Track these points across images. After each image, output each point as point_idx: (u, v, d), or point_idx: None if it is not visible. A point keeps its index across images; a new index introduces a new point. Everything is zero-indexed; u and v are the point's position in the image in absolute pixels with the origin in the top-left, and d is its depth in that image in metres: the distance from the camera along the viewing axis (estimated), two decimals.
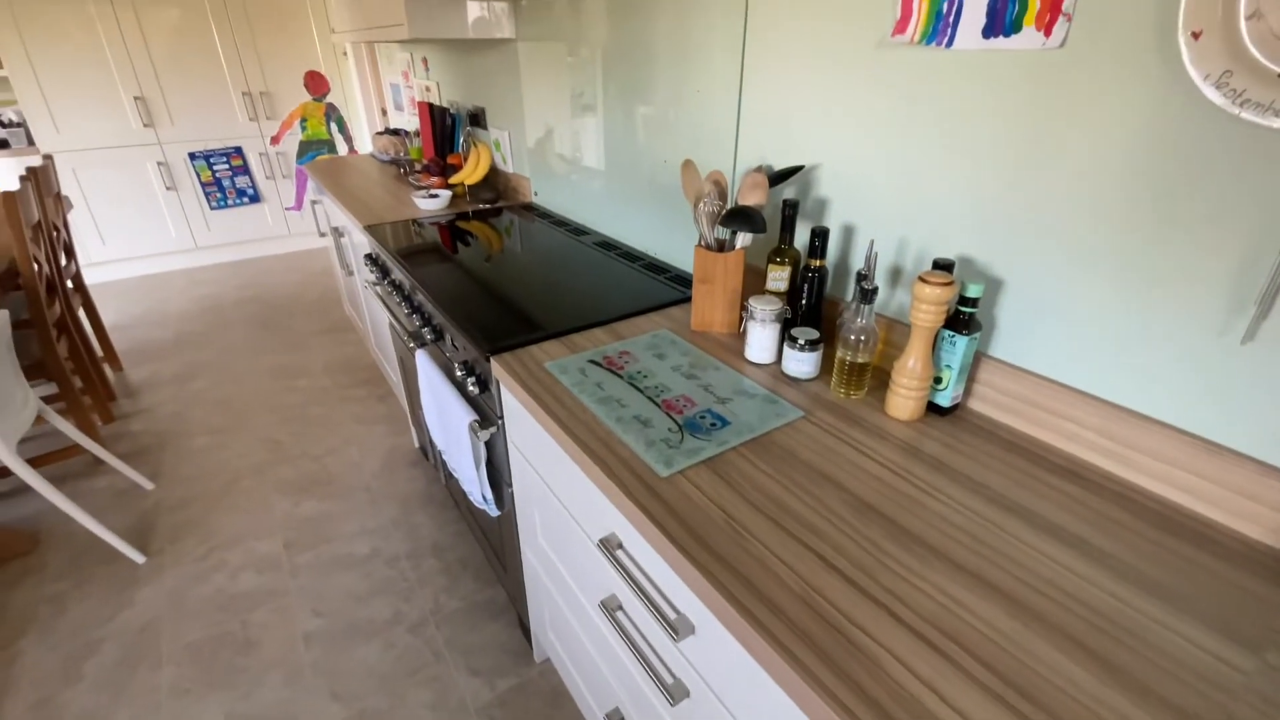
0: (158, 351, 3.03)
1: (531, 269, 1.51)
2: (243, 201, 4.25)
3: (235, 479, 2.12)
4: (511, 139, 2.16)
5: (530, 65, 1.89)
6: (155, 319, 3.41)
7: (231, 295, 3.73)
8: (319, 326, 3.29)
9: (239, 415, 2.49)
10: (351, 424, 2.43)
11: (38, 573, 1.75)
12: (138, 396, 2.64)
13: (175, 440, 2.33)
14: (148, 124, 3.81)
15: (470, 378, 1.19)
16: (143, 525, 1.92)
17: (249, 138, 4.15)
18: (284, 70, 4.13)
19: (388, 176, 2.63)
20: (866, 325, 0.91)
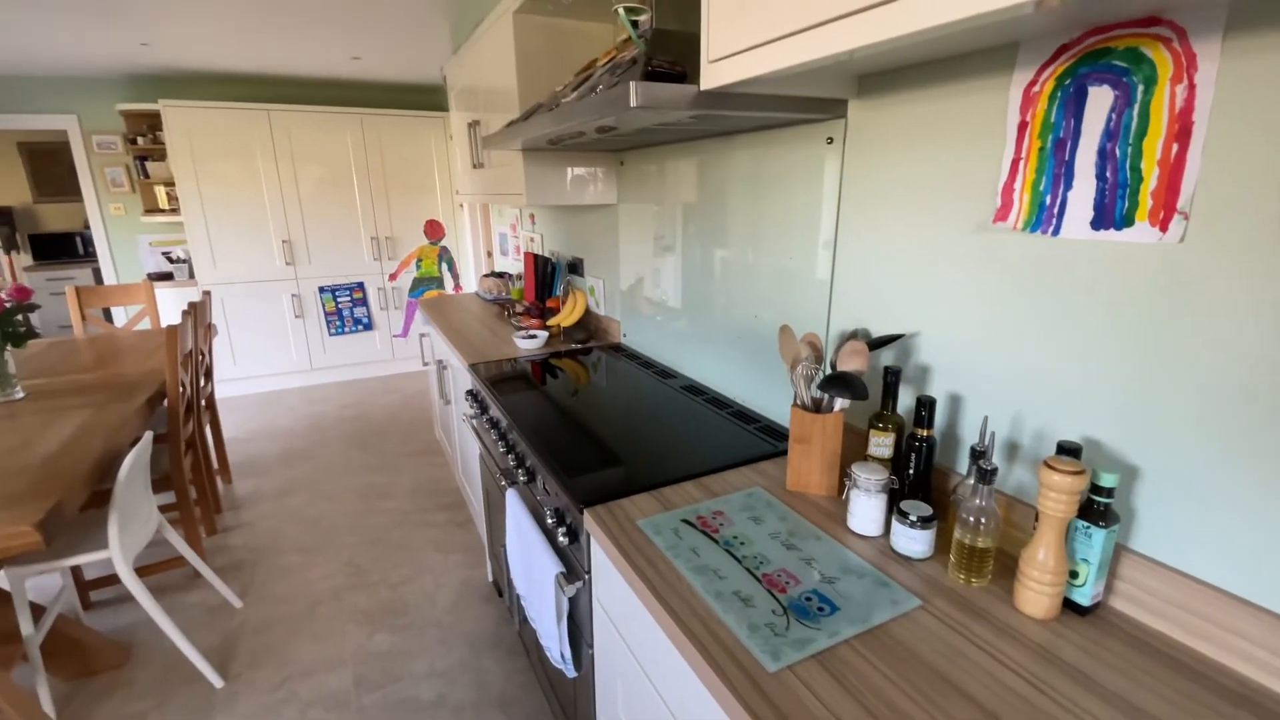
0: (264, 466, 3.25)
1: (623, 412, 1.55)
2: (357, 329, 4.71)
3: (316, 603, 2.15)
4: (605, 285, 2.32)
5: (627, 223, 2.07)
6: (266, 434, 3.69)
7: (336, 413, 4.01)
8: (410, 448, 3.45)
9: (327, 535, 2.58)
10: (429, 550, 2.45)
11: (125, 687, 1.79)
12: (240, 510, 2.80)
13: (268, 557, 2.42)
14: (289, 262, 4.40)
15: (561, 527, 1.19)
16: (226, 645, 1.95)
17: (371, 274, 4.69)
18: (407, 218, 4.73)
19: (490, 314, 2.86)
20: (986, 507, 0.86)
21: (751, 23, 0.87)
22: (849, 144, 1.16)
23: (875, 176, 1.12)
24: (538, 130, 1.42)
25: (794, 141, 1.29)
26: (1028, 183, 0.88)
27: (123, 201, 4.34)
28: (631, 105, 0.96)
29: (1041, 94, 0.85)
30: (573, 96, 1.30)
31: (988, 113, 0.92)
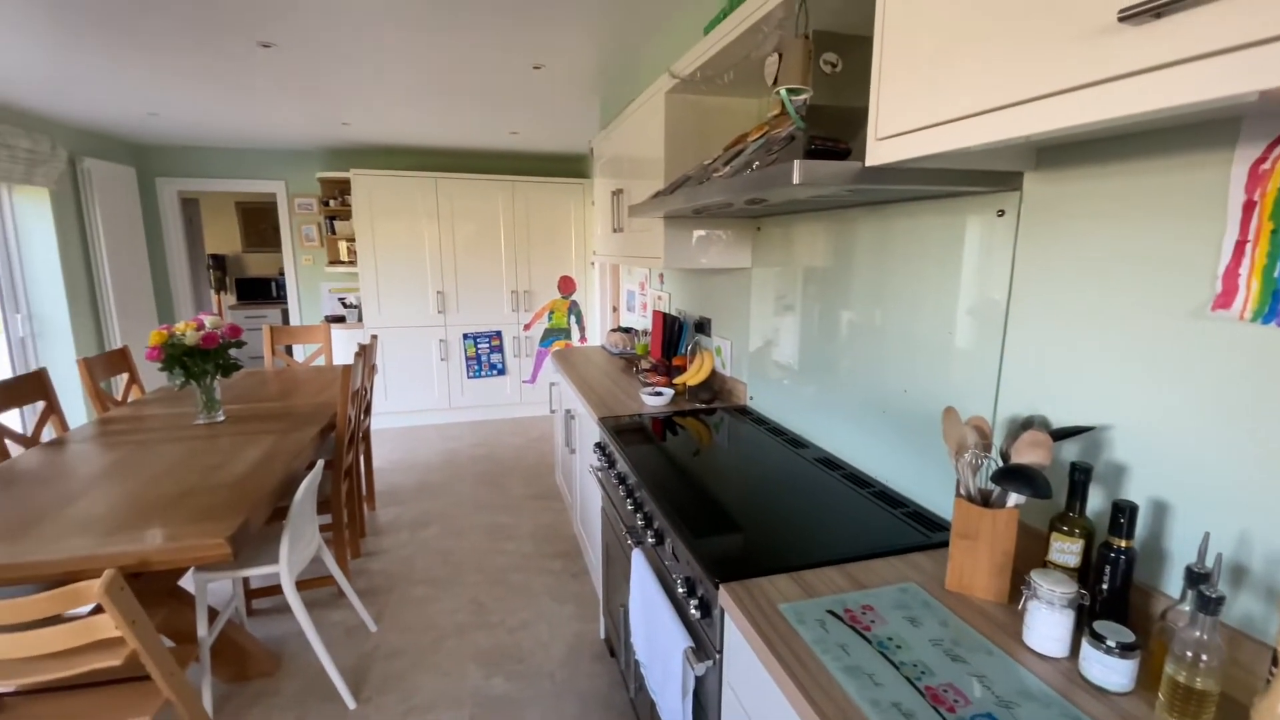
0: (404, 496, 3.52)
1: (753, 480, 1.51)
2: (492, 374, 5.05)
3: (442, 637, 2.24)
4: (733, 346, 2.31)
5: (761, 286, 2.07)
6: (406, 466, 4.01)
7: (468, 451, 4.28)
8: (532, 491, 3.58)
9: (455, 569, 2.71)
10: (545, 598, 2.49)
11: (273, 696, 1.96)
12: (381, 536, 3.03)
13: (401, 585, 2.58)
14: (440, 310, 4.85)
15: (692, 598, 1.16)
16: (360, 667, 2.08)
17: (508, 324, 5.04)
18: (544, 274, 5.07)
19: (615, 368, 2.95)
20: (1208, 641, 0.72)
21: (928, 103, 0.86)
22: (1024, 218, 1.09)
23: (1055, 253, 1.03)
24: (686, 202, 1.48)
25: (958, 212, 1.23)
26: (1257, 268, 0.77)
27: (312, 254, 5.06)
28: (795, 182, 0.97)
29: (1273, 172, 0.75)
30: (725, 171, 1.34)
31: (1200, 190, 0.83)
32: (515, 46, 2.38)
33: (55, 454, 2.06)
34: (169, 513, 1.59)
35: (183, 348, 2.20)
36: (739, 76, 1.72)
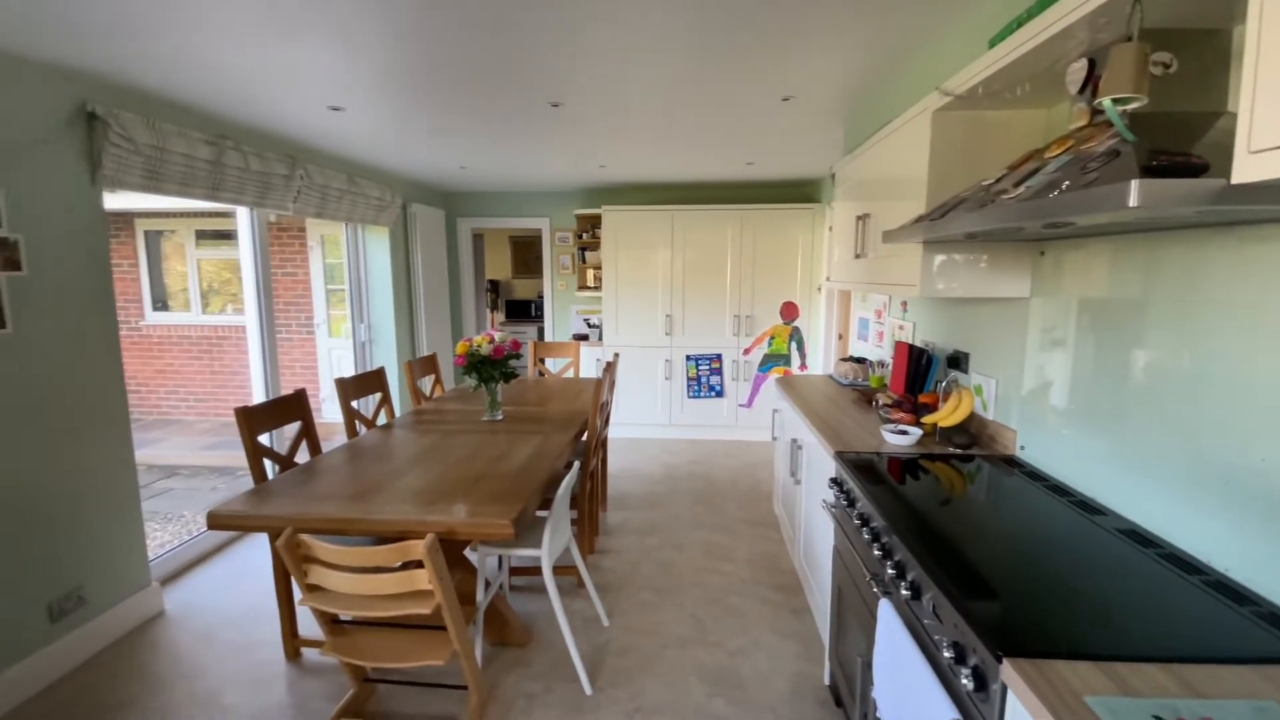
0: (630, 502, 3.78)
1: (1033, 545, 1.32)
2: (710, 395, 5.19)
3: (664, 646, 2.34)
4: (998, 386, 2.05)
5: (1042, 319, 1.81)
6: (631, 474, 4.30)
7: (686, 468, 4.45)
8: (747, 516, 3.58)
9: (675, 580, 2.82)
10: (764, 628, 2.46)
11: (524, 666, 2.23)
12: (611, 537, 3.29)
13: (628, 587, 2.77)
14: (668, 333, 5.15)
15: (962, 666, 1.05)
16: (595, 657, 2.27)
17: (728, 348, 5.14)
18: (766, 300, 5.08)
19: (845, 399, 2.81)
20: None
21: None
22: None
23: None
24: (962, 227, 1.36)
25: None
26: None
27: (565, 280, 5.75)
28: (1131, 205, 0.84)
29: None
30: (1020, 192, 1.21)
31: None
32: (768, 81, 2.45)
33: (386, 436, 2.64)
34: (468, 493, 1.92)
35: (479, 356, 2.66)
36: (1035, 88, 1.55)
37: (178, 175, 2.66)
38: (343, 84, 2.47)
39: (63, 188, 2.22)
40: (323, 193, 3.71)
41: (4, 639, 2.03)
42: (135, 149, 2.42)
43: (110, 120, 2.31)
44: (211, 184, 2.85)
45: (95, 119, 2.30)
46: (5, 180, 2.03)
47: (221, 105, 2.72)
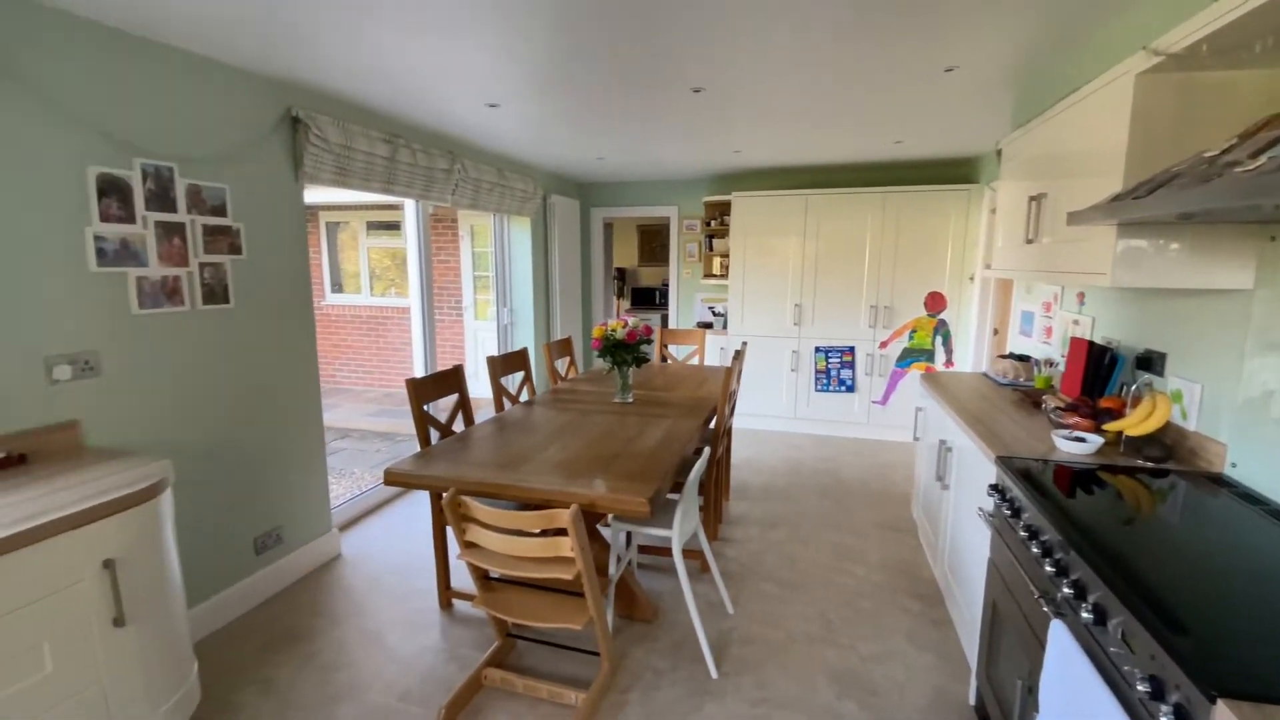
0: (751, 493, 3.73)
1: (1250, 574, 1.12)
2: (840, 389, 4.97)
3: (791, 640, 2.30)
4: (1204, 392, 1.76)
5: (1269, 316, 1.53)
6: (753, 466, 4.24)
7: (811, 464, 4.30)
8: (878, 518, 3.40)
9: (802, 576, 2.75)
10: (899, 636, 2.32)
11: (652, 641, 2.29)
12: (732, 525, 3.27)
13: (752, 578, 2.74)
14: (796, 323, 4.98)
15: (1161, 704, 0.92)
16: (720, 643, 2.28)
17: (862, 340, 4.88)
18: (908, 290, 4.75)
19: (1005, 400, 2.56)
20: None
21: None
22: None
23: None
24: (1180, 206, 1.18)
25: None
26: None
27: (691, 268, 5.76)
28: None
29: None
30: (1258, 164, 1.03)
31: None
32: (930, 52, 2.27)
33: (529, 411, 2.81)
34: (606, 469, 2.00)
35: (614, 340, 2.75)
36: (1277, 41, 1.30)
37: (360, 171, 3.00)
38: (500, 81, 2.63)
39: (272, 183, 2.59)
40: (476, 185, 4.00)
41: (221, 566, 2.44)
42: (328, 148, 2.76)
43: (310, 123, 2.65)
44: (387, 178, 3.18)
45: (298, 122, 2.65)
46: (231, 177, 2.40)
47: (397, 106, 3.02)
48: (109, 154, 1.97)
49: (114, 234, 1.99)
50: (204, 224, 2.28)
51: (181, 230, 2.19)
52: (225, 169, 2.36)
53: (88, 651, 1.47)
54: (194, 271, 2.25)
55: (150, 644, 1.61)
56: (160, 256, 2.13)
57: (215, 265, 2.33)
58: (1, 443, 1.74)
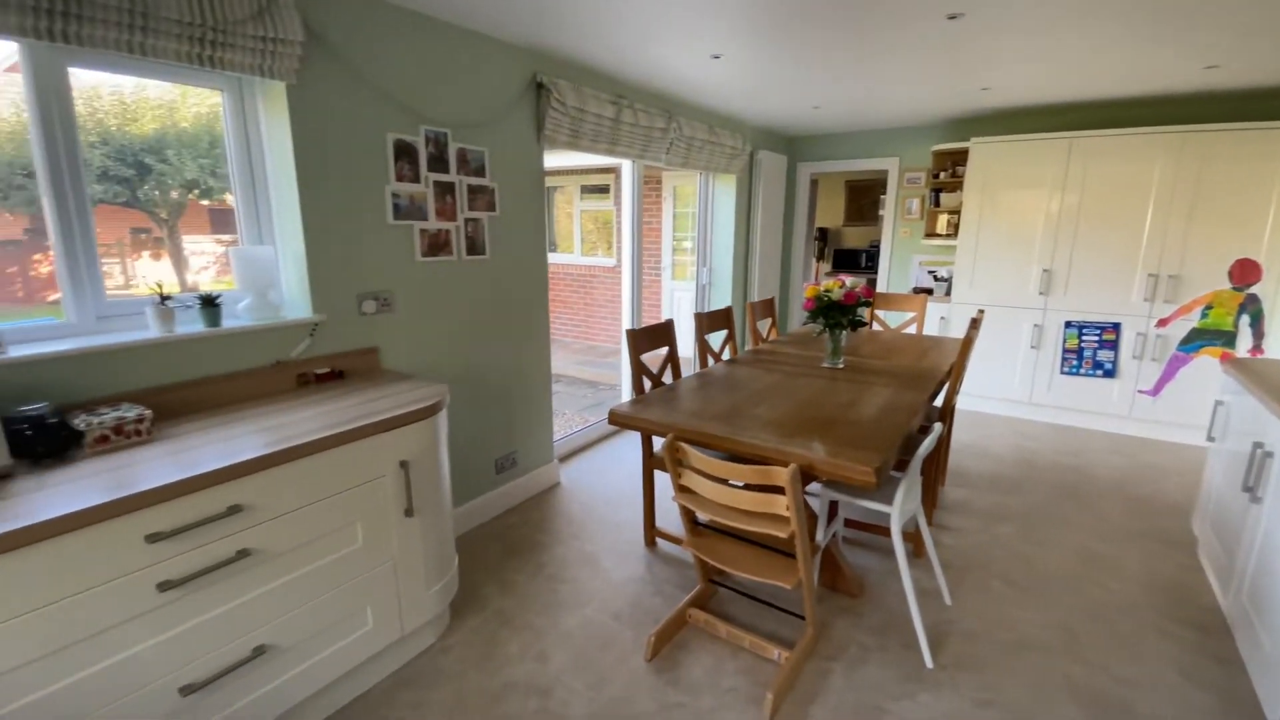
0: (972, 480, 3.35)
1: None
2: (1095, 374, 4.19)
3: (1023, 645, 2.05)
4: None
5: None
6: (976, 451, 3.80)
7: (1050, 457, 3.73)
8: (1139, 528, 2.84)
9: (1037, 580, 2.42)
10: (1168, 666, 1.94)
11: (855, 615, 2.20)
12: (949, 512, 2.98)
13: (974, 572, 2.48)
14: (1042, 292, 4.28)
15: None
16: (936, 633, 2.11)
17: (1132, 316, 4.03)
18: (1206, 256, 3.79)
19: None
20: None
21: None
22: None
23: None
24: None
25: None
26: None
27: (910, 226, 5.23)
28: None
29: None
30: None
31: None
32: None
33: (731, 369, 2.80)
34: (823, 434, 1.92)
35: (828, 301, 2.61)
36: None
37: (590, 133, 3.18)
38: (727, 28, 2.57)
39: (518, 146, 2.85)
40: (689, 144, 4.03)
41: (470, 480, 2.85)
42: (565, 111, 2.96)
43: (552, 88, 2.86)
44: (611, 139, 3.33)
45: (541, 88, 2.87)
46: (489, 141, 2.69)
47: (624, 66, 3.12)
48: (402, 122, 2.33)
49: (405, 192, 2.36)
50: (469, 184, 2.60)
51: (452, 189, 2.53)
52: (484, 134, 2.66)
53: (386, 534, 1.82)
54: (460, 226, 2.59)
55: (428, 534, 1.95)
56: (436, 212, 2.48)
57: (476, 221, 2.66)
58: (328, 360, 2.21)
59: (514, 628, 2.14)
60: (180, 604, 1.37)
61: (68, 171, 1.70)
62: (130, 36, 1.60)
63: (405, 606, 1.89)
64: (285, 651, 1.59)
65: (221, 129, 2.07)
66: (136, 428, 1.54)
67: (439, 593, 2.02)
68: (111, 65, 1.77)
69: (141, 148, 1.96)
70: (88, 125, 1.81)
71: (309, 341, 2.15)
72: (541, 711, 1.77)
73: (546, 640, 2.07)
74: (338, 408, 1.85)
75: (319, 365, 2.17)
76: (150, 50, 1.64)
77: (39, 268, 1.95)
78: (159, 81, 1.94)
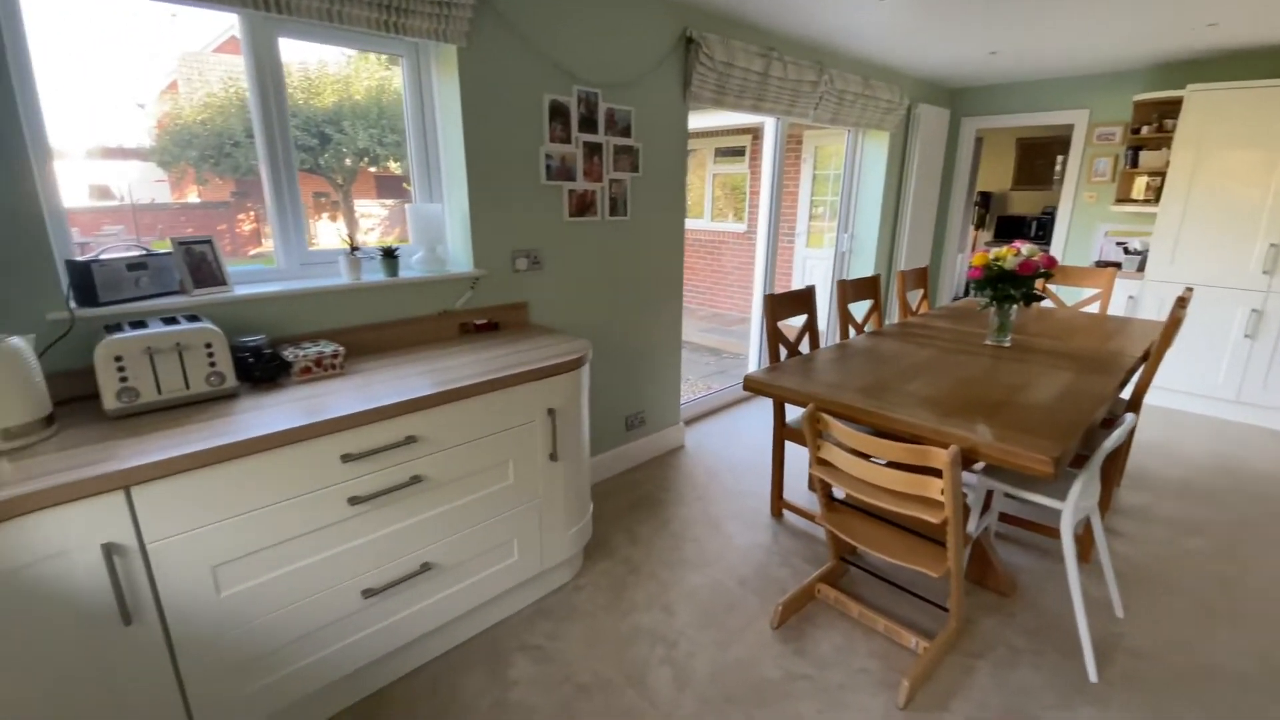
0: (1155, 484, 2.93)
1: None
2: None
3: (1211, 672, 1.78)
4: None
5: None
6: (1164, 453, 3.30)
7: (1260, 467, 3.15)
8: None
9: (1236, 604, 2.08)
10: None
11: (1005, 615, 2.03)
12: (1123, 517, 2.63)
13: (1151, 585, 2.18)
14: (1267, 271, 3.56)
15: None
16: (1102, 646, 1.90)
17: None
18: None
19: None
20: None
21: None
22: None
23: None
24: None
25: None
26: None
27: (1098, 190, 4.54)
28: None
29: None
30: None
31: None
32: None
33: (877, 342, 2.63)
34: (989, 417, 1.75)
35: (1000, 270, 2.35)
36: None
37: (735, 89, 3.06)
38: None
39: (664, 105, 2.81)
40: (839, 98, 3.76)
41: (602, 434, 2.95)
42: (713, 66, 2.87)
43: (701, 42, 2.77)
44: (758, 95, 3.19)
45: (691, 43, 2.79)
46: (636, 100, 2.68)
47: (776, 16, 2.94)
48: (557, 82, 2.38)
49: (557, 153, 2.42)
50: (615, 144, 2.62)
51: (599, 150, 2.56)
52: (632, 93, 2.65)
53: (533, 475, 1.94)
54: (605, 187, 2.63)
55: (570, 479, 2.05)
56: (584, 173, 2.53)
57: (619, 181, 2.69)
58: (485, 312, 2.36)
59: (640, 576, 2.22)
60: (365, 518, 1.56)
61: (279, 135, 1.93)
62: (329, 5, 1.75)
63: (546, 544, 2.02)
64: (446, 570, 1.76)
65: (388, 101, 2.24)
66: (332, 362, 1.75)
67: (575, 535, 2.13)
68: (312, 34, 1.96)
69: (323, 119, 2.17)
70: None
71: (470, 294, 2.31)
72: (668, 661, 1.83)
73: (672, 594, 2.12)
74: (493, 356, 1.98)
75: (477, 316, 2.33)
76: (345, 18, 1.80)
77: (242, 226, 2.25)
78: (347, 51, 2.13)
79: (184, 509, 1.27)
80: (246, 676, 1.43)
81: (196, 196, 2.15)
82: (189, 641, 1.33)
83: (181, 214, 2.09)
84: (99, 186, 1.87)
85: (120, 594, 1.21)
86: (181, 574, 1.29)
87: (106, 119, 1.82)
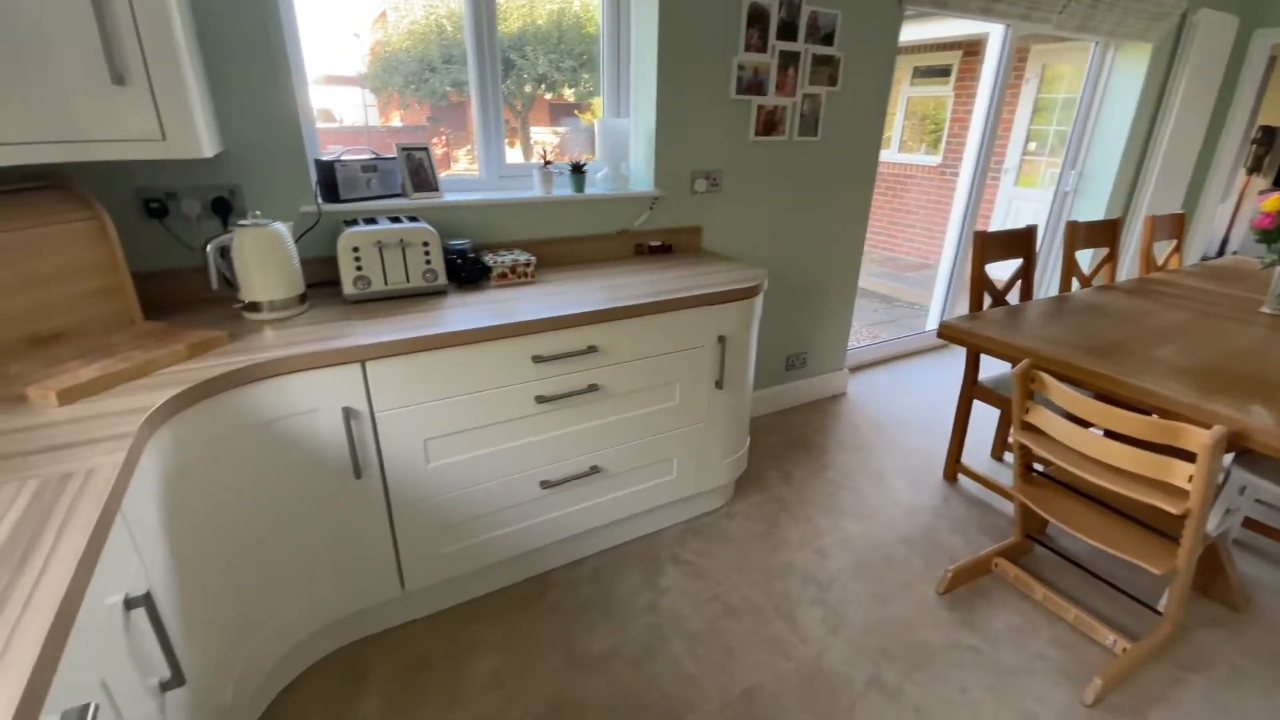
0: None
1: None
2: None
3: None
4: None
5: None
6: None
7: None
8: None
9: None
10: None
11: (1231, 630, 1.71)
12: None
13: None
14: None
15: None
16: None
17: None
18: None
19: None
20: None
21: None
22: None
23: None
24: None
25: None
26: None
27: None
28: None
29: None
30: None
31: None
32: None
33: (1108, 298, 2.22)
34: (1265, 398, 1.42)
35: None
36: None
37: None
38: None
39: (875, 9, 2.48)
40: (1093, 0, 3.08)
41: (761, 371, 2.87)
42: None
43: None
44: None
45: None
46: (844, 3, 2.38)
47: None
48: None
49: (750, 63, 2.26)
50: (814, 54, 2.38)
51: (796, 60, 2.35)
52: None
53: (698, 399, 1.93)
54: (797, 103, 2.43)
55: (731, 408, 2.03)
56: (777, 86, 2.35)
57: (814, 97, 2.46)
58: (661, 234, 2.34)
59: (793, 516, 2.17)
60: (548, 417, 1.66)
61: (488, 50, 1.99)
62: None
63: (702, 467, 2.04)
64: (612, 476, 1.85)
65: (568, 25, 2.21)
66: (525, 269, 1.85)
67: (731, 464, 2.12)
68: None
69: (509, 45, 2.19)
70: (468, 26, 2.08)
71: (648, 214, 2.30)
72: (819, 602, 1.80)
73: (826, 539, 2.06)
74: (666, 278, 1.97)
75: (653, 238, 2.32)
76: None
77: (435, 149, 2.39)
78: None
79: (405, 386, 1.43)
80: (445, 538, 1.63)
81: (399, 120, 2.33)
82: (403, 501, 1.53)
83: (388, 136, 2.27)
84: (323, 110, 2.08)
85: (354, 451, 1.41)
86: (400, 441, 1.47)
87: (330, 48, 2.00)
